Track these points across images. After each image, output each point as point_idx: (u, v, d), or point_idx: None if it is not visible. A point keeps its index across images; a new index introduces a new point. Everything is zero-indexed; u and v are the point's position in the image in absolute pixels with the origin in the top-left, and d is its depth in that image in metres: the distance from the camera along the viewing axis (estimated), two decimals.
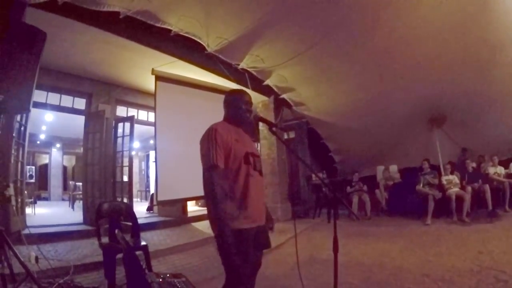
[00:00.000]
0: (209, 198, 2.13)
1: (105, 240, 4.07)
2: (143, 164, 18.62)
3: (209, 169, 2.16)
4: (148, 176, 17.76)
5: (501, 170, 8.55)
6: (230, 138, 2.28)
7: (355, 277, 4.21)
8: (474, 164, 8.62)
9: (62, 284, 3.69)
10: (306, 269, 4.40)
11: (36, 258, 3.88)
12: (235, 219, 2.16)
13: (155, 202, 7.95)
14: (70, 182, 14.00)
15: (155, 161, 6.93)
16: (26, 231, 4.87)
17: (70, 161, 19.41)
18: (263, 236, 2.43)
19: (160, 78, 6.87)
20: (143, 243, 4.18)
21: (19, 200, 5.56)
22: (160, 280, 2.32)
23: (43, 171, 17.14)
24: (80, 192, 12.26)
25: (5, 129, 4.86)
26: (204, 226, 7.09)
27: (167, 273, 2.49)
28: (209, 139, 2.23)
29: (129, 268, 2.27)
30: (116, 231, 2.51)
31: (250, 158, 2.34)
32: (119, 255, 3.57)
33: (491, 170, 8.52)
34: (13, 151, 5.25)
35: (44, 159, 17.66)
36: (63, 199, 15.84)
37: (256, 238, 2.32)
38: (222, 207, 2.11)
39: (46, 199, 15.77)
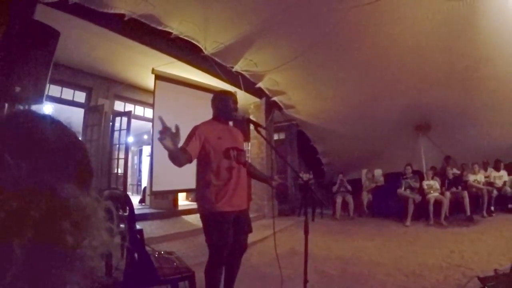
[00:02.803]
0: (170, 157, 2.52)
1: None
2: (136, 158, 18.64)
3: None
4: (140, 170, 17.79)
5: (480, 177, 8.78)
6: (211, 135, 2.74)
7: (332, 269, 4.53)
8: (454, 171, 8.92)
9: None
10: (287, 259, 4.62)
11: None
12: (217, 203, 2.63)
13: (147, 194, 8.21)
14: None
15: (151, 154, 7.16)
16: None
17: None
18: (244, 220, 2.85)
19: (159, 77, 7.12)
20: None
21: None
22: (156, 255, 2.69)
23: None
24: None
25: None
26: (194, 219, 7.24)
27: (161, 251, 2.86)
28: (191, 132, 2.74)
29: (131, 242, 2.61)
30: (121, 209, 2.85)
31: (231, 153, 2.76)
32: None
33: (471, 178, 8.72)
34: None
35: None
36: None
37: (238, 222, 2.76)
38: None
39: None
